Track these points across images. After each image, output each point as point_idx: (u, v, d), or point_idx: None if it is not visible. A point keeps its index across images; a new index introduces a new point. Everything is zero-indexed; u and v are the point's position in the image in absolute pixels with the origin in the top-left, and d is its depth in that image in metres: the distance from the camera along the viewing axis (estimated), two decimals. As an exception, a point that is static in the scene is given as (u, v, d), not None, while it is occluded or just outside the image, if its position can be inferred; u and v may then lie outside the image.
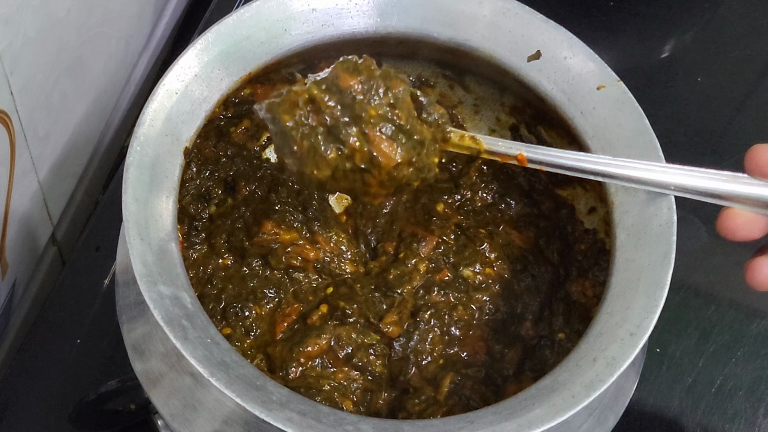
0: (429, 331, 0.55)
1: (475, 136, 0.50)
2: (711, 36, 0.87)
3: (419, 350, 0.55)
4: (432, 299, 0.56)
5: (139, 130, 0.47)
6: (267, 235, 0.57)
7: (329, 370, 0.53)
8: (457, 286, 0.57)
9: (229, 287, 0.56)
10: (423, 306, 0.56)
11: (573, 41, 0.53)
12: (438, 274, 0.57)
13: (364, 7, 0.54)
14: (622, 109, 0.51)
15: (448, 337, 0.55)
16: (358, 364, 0.54)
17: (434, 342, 0.55)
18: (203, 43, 0.51)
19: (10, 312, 0.69)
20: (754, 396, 0.67)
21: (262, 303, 0.55)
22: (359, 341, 0.54)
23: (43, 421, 0.64)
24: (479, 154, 0.50)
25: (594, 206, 0.57)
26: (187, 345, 0.41)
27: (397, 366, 0.55)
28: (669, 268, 0.46)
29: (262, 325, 0.55)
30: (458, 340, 0.56)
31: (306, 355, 0.53)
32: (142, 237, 0.44)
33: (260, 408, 0.40)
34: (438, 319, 0.55)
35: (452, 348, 0.56)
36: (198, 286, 0.56)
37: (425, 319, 0.55)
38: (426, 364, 0.55)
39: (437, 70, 0.60)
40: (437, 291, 0.57)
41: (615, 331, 0.45)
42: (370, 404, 0.53)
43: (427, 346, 0.55)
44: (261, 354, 0.54)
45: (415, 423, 0.42)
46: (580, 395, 0.42)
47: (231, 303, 0.55)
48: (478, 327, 0.56)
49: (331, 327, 0.54)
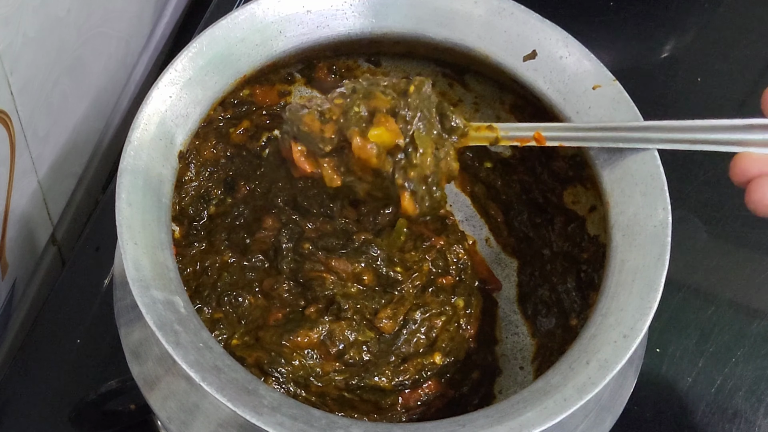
0: (415, 333, 0.56)
1: (492, 125, 0.51)
2: (711, 36, 0.87)
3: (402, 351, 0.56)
4: (425, 299, 0.57)
5: (132, 134, 0.47)
6: (268, 231, 0.57)
7: (317, 361, 0.54)
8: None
9: (224, 275, 0.56)
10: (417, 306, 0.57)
11: (569, 40, 0.53)
12: (441, 278, 0.58)
13: (359, 8, 0.54)
14: (618, 108, 0.51)
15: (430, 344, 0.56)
16: (348, 361, 0.54)
17: (418, 345, 0.56)
18: (197, 47, 0.51)
19: (10, 312, 0.70)
20: (754, 396, 0.67)
21: (258, 295, 0.56)
22: (353, 338, 0.54)
23: (43, 421, 0.64)
24: (497, 141, 0.51)
25: (594, 204, 0.57)
26: (179, 350, 0.41)
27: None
28: (663, 269, 0.46)
29: (255, 312, 0.55)
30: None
31: (295, 344, 0.53)
32: (136, 242, 0.44)
33: (251, 412, 0.40)
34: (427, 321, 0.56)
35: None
36: (194, 281, 0.56)
37: (414, 319, 0.56)
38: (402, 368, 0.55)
39: (436, 69, 0.60)
40: (430, 293, 0.57)
41: (608, 332, 0.45)
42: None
43: (411, 349, 0.56)
44: (250, 336, 0.55)
45: (405, 426, 0.42)
46: (572, 398, 0.42)
47: (226, 290, 0.55)
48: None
49: (326, 321, 0.54)
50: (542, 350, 0.58)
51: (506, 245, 0.63)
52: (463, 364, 0.56)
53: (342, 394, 0.54)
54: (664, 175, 0.49)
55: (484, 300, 0.59)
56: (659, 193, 0.48)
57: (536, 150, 0.60)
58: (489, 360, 0.58)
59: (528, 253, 0.61)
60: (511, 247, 0.62)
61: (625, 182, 0.49)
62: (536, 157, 0.60)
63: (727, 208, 0.74)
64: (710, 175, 0.75)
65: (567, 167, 0.58)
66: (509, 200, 0.62)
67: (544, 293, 0.60)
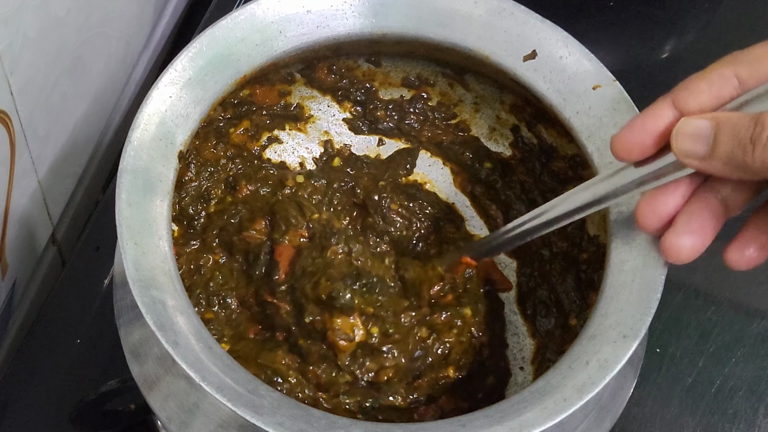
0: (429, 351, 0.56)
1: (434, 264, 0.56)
2: (711, 36, 0.86)
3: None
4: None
5: (132, 134, 0.47)
6: (256, 233, 0.57)
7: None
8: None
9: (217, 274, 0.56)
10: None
11: (569, 41, 0.53)
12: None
13: (359, 8, 0.54)
14: (618, 108, 0.51)
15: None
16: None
17: (433, 361, 0.56)
18: (197, 47, 0.51)
19: (10, 312, 0.70)
20: (754, 396, 0.67)
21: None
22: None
23: (43, 421, 0.64)
24: (443, 279, 0.56)
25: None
26: (179, 350, 0.41)
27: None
28: (663, 270, 0.46)
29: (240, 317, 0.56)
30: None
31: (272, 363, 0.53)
32: (136, 242, 0.44)
33: (251, 413, 0.40)
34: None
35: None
36: (188, 279, 0.56)
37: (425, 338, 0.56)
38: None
39: (436, 69, 0.60)
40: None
41: (608, 333, 0.44)
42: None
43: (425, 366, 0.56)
44: (234, 343, 0.55)
45: (406, 426, 0.42)
46: (572, 398, 0.42)
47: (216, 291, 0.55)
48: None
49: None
50: (542, 350, 0.58)
51: (506, 245, 0.62)
52: (477, 372, 0.56)
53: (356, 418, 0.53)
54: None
55: (489, 303, 0.59)
56: (659, 193, 0.48)
57: (536, 150, 0.60)
58: (502, 365, 0.58)
59: (527, 254, 0.61)
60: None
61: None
62: (536, 157, 0.60)
63: (726, 208, 0.73)
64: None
65: (567, 167, 0.58)
66: (509, 201, 0.62)
67: (543, 293, 0.59)
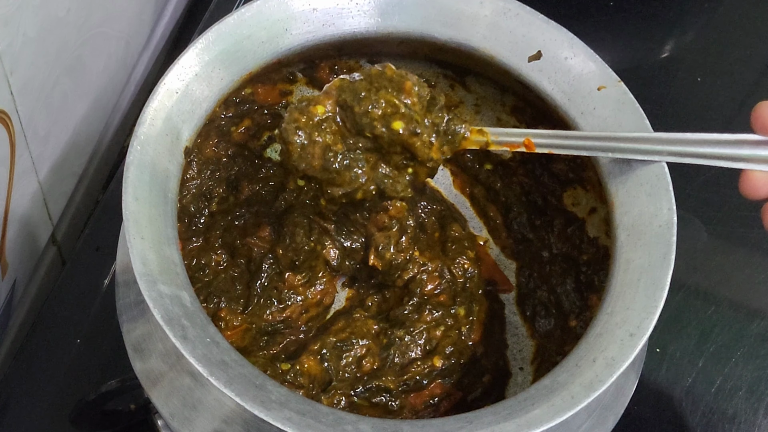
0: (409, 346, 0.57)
1: (482, 129, 0.51)
2: (711, 36, 0.87)
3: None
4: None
5: (139, 129, 0.47)
6: (259, 240, 0.57)
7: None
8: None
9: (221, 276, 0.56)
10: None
11: (574, 42, 0.53)
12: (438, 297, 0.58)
13: (365, 7, 0.54)
14: (622, 109, 0.51)
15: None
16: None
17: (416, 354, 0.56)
18: (204, 43, 0.51)
19: (10, 312, 0.69)
20: (754, 396, 0.67)
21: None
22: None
23: (43, 421, 0.64)
24: (487, 146, 0.51)
25: (594, 206, 0.57)
26: (187, 344, 0.41)
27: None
28: (669, 268, 0.46)
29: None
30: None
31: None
32: (143, 236, 0.44)
33: (259, 407, 0.40)
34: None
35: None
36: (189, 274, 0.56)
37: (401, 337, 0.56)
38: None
39: (438, 70, 0.60)
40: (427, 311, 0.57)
41: (615, 331, 0.45)
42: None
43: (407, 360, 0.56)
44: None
45: (414, 423, 0.42)
46: (580, 396, 0.42)
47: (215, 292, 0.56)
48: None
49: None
50: (541, 351, 0.58)
51: (505, 247, 0.63)
52: (470, 367, 0.56)
53: (352, 400, 0.54)
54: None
55: (490, 304, 0.59)
56: (664, 193, 0.48)
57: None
58: (500, 364, 0.58)
59: (527, 255, 0.61)
60: (510, 249, 0.63)
61: (629, 182, 0.49)
62: (536, 159, 0.60)
63: (727, 208, 0.74)
64: (710, 175, 0.76)
65: (567, 169, 0.58)
66: (509, 202, 0.62)
67: (543, 295, 0.60)
